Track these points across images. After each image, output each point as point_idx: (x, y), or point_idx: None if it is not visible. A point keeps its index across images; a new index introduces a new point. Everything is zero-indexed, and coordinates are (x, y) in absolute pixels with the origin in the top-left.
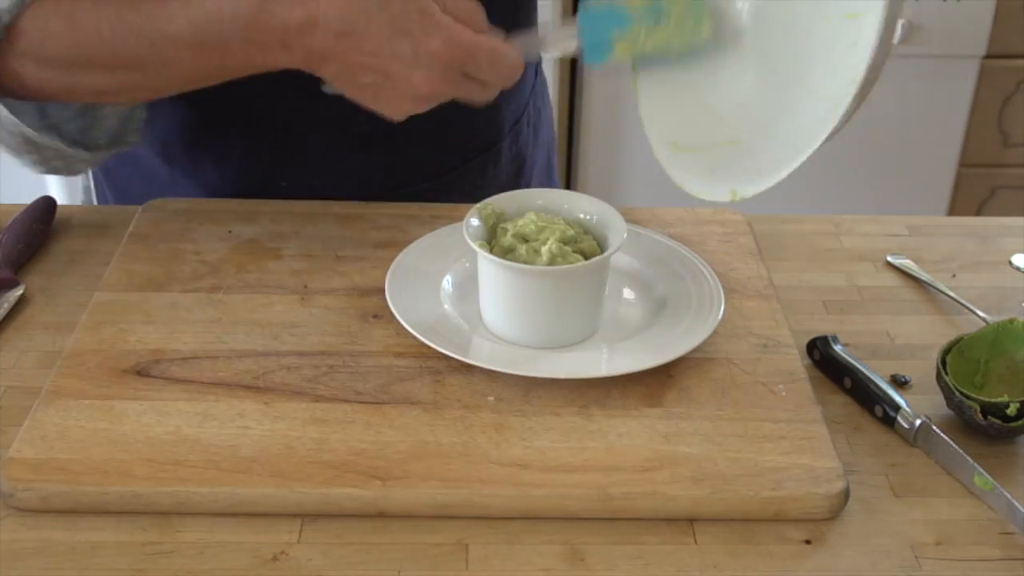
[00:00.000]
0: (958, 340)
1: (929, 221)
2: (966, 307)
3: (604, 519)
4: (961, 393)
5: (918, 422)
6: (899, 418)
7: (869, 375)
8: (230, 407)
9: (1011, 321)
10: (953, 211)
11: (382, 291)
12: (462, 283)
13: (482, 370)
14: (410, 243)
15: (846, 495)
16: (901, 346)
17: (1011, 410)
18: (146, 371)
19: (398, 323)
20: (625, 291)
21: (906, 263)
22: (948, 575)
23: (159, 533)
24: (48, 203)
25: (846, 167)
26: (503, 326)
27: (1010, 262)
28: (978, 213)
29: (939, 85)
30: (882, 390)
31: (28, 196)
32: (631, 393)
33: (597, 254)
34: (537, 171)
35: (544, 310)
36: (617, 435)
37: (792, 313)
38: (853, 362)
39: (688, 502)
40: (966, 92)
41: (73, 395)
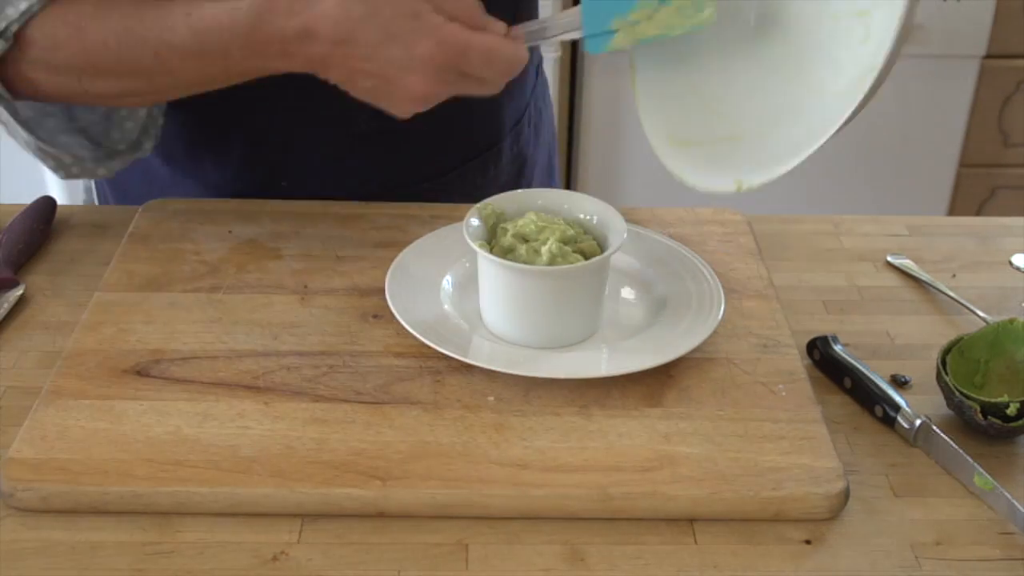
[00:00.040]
0: (958, 340)
1: (929, 221)
2: (966, 307)
3: (604, 519)
4: (961, 393)
5: (918, 422)
6: (899, 418)
7: (869, 375)
8: (230, 407)
9: (1011, 321)
10: (953, 211)
11: (382, 291)
12: (462, 283)
13: (482, 370)
14: (410, 243)
15: (846, 495)
16: (901, 346)
17: (1011, 410)
18: (146, 371)
19: (398, 323)
20: (625, 291)
21: (906, 263)
22: (948, 575)
23: (159, 533)
24: (48, 203)
25: (846, 167)
26: (503, 326)
27: (1010, 262)
28: (978, 213)
29: (939, 85)
30: (882, 390)
31: (28, 196)
32: (631, 393)
33: (597, 254)
34: (538, 171)
35: (544, 310)
36: (617, 435)
37: (792, 313)
38: (853, 362)
39: (688, 502)
40: (966, 92)
41: (73, 395)
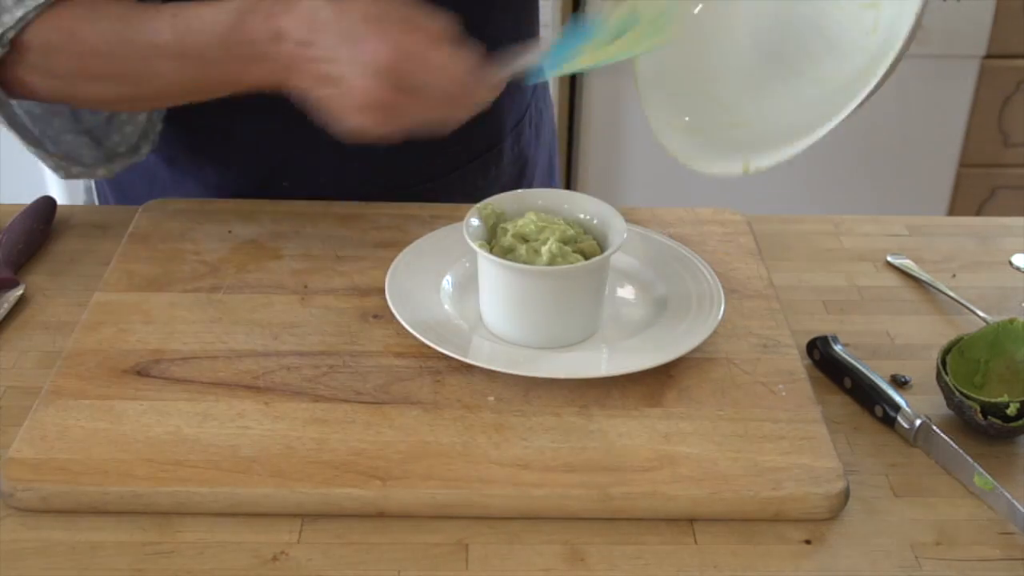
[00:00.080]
0: (958, 340)
1: (929, 221)
2: (966, 307)
3: (604, 519)
4: (961, 393)
5: (918, 422)
6: (899, 418)
7: (869, 375)
8: (230, 407)
9: (1011, 321)
10: (953, 211)
11: (382, 291)
12: (462, 283)
13: (482, 370)
14: (410, 243)
15: (846, 495)
16: (901, 346)
17: (1011, 410)
18: (146, 371)
19: (398, 323)
20: (625, 291)
21: (906, 263)
22: (948, 575)
23: (159, 533)
24: (48, 203)
25: (846, 167)
26: (503, 326)
27: (1010, 262)
28: (978, 213)
29: (939, 85)
30: (882, 390)
31: (28, 196)
32: (631, 393)
33: (597, 254)
34: (539, 171)
35: (544, 310)
36: (617, 435)
37: (792, 313)
38: (853, 362)
39: (688, 502)
40: (966, 92)
41: (73, 395)
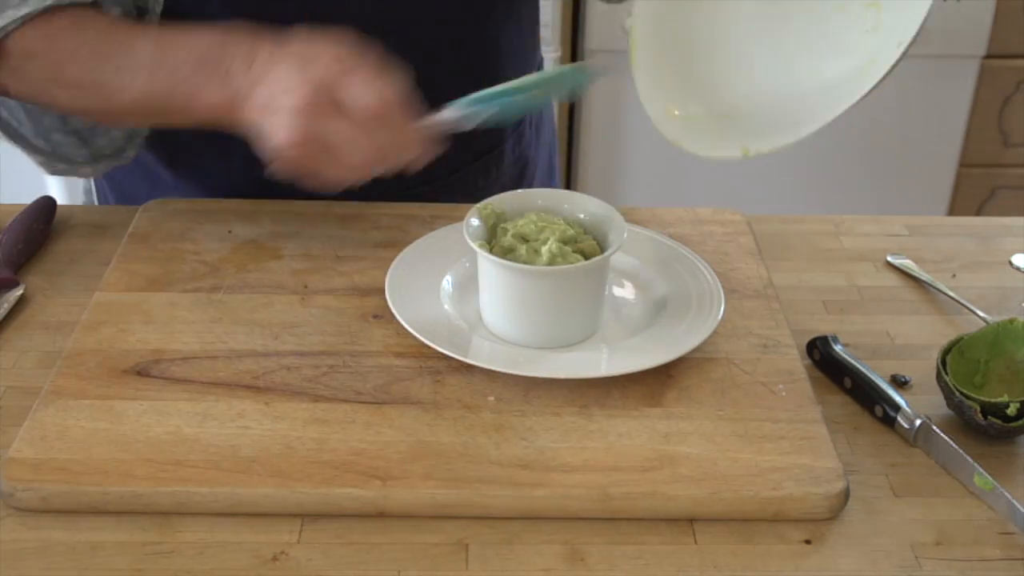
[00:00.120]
0: (958, 340)
1: (929, 221)
2: (966, 307)
3: (604, 519)
4: (961, 393)
5: (918, 422)
6: (899, 418)
7: (869, 375)
8: (230, 407)
9: (1011, 321)
10: (953, 211)
11: (382, 291)
12: (462, 283)
13: (482, 370)
14: (410, 243)
15: (846, 495)
16: (901, 346)
17: (1011, 410)
18: (146, 371)
19: (398, 323)
20: (625, 291)
21: (906, 263)
22: (948, 575)
23: (159, 533)
24: (48, 203)
25: (846, 167)
26: (503, 326)
27: (1010, 262)
28: (978, 213)
29: (939, 85)
30: (882, 390)
31: (28, 196)
32: (631, 393)
33: (597, 254)
34: (539, 172)
35: (544, 310)
36: (617, 435)
37: (792, 313)
38: (853, 362)
39: (688, 502)
40: (966, 92)
41: (73, 395)
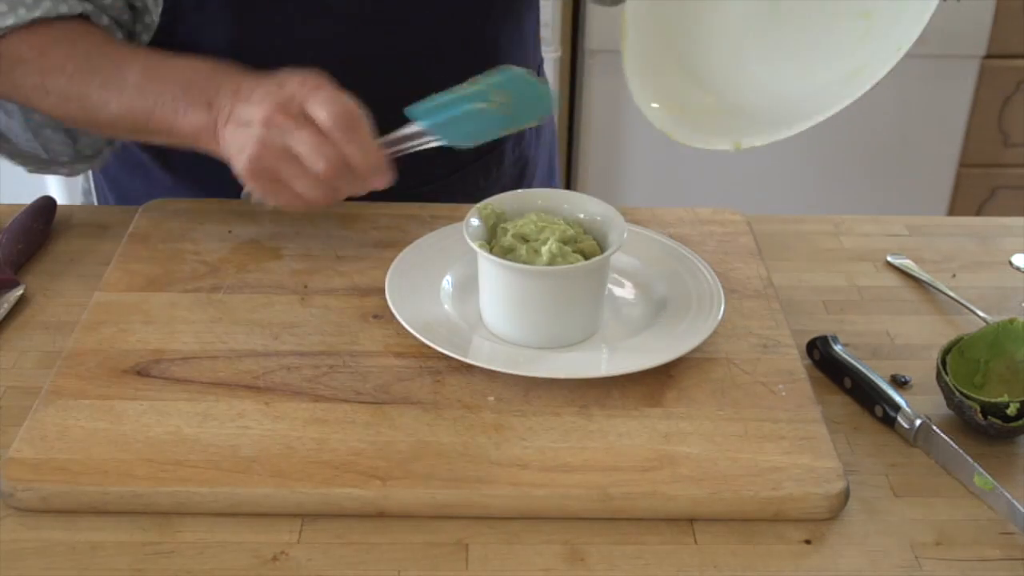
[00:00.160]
0: (958, 340)
1: (929, 221)
2: (966, 307)
3: (604, 519)
4: (961, 393)
5: (918, 422)
6: (899, 418)
7: (869, 375)
8: (230, 407)
9: (1011, 321)
10: (953, 211)
11: (382, 291)
12: (462, 283)
13: (482, 370)
14: (410, 243)
15: (846, 495)
16: (901, 346)
17: (1011, 410)
18: (146, 371)
19: (398, 323)
20: (625, 291)
21: (906, 263)
22: (948, 575)
23: (159, 533)
24: (48, 203)
25: (846, 167)
26: (503, 326)
27: (1010, 262)
28: (978, 213)
29: (939, 85)
30: (882, 390)
31: (28, 196)
32: (631, 393)
33: (597, 254)
34: (539, 172)
35: (544, 310)
36: (617, 435)
37: (792, 313)
38: (853, 362)
39: (688, 502)
40: (966, 92)
41: (73, 395)
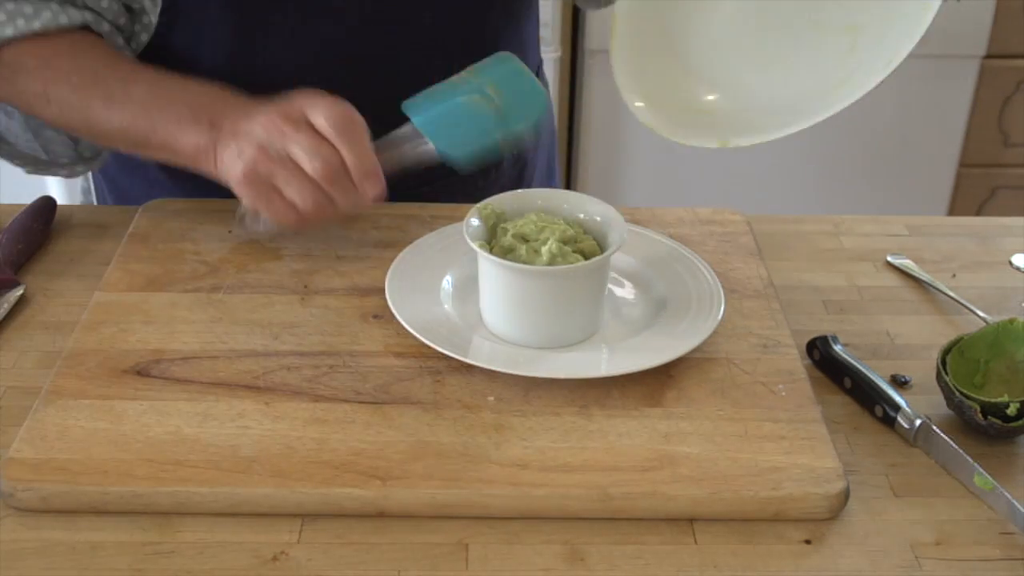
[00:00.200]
0: (958, 340)
1: (929, 221)
2: (966, 307)
3: (604, 519)
4: (961, 393)
5: (918, 422)
6: (899, 418)
7: (869, 375)
8: (230, 407)
9: (1011, 321)
10: (953, 211)
11: (382, 291)
12: (462, 283)
13: (482, 370)
14: (410, 243)
15: (846, 495)
16: (901, 346)
17: (1011, 410)
18: (146, 371)
19: (398, 323)
20: (625, 291)
21: (906, 263)
22: (948, 575)
23: (159, 533)
24: (48, 203)
25: (846, 167)
26: (503, 326)
27: (1010, 262)
28: (978, 213)
29: (939, 85)
30: (882, 390)
31: (28, 196)
32: (631, 393)
33: (597, 254)
34: (538, 173)
35: (544, 310)
36: (617, 435)
37: (792, 313)
38: (853, 362)
39: (688, 502)
40: (966, 92)
41: (73, 395)
